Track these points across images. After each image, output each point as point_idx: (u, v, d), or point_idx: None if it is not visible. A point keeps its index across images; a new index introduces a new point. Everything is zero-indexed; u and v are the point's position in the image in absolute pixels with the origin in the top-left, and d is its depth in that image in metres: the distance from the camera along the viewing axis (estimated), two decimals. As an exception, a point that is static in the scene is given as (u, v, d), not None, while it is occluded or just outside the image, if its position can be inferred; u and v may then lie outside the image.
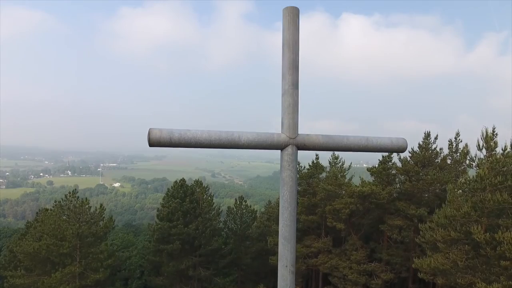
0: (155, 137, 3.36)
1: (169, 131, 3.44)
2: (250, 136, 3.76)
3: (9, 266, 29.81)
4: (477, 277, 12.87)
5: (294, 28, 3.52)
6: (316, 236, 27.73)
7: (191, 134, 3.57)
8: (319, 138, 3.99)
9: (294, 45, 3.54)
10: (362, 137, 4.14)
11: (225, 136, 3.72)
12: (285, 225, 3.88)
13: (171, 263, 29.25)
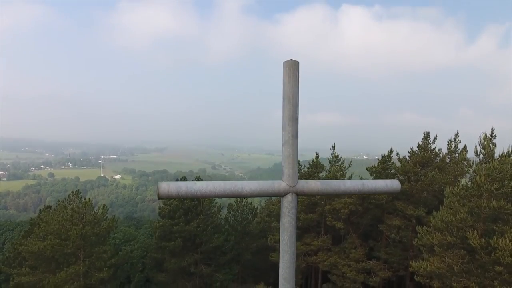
0: (163, 192, 3.61)
1: (176, 185, 3.68)
2: (252, 186, 4.01)
3: (14, 263, 30.37)
4: (471, 281, 13.22)
5: (294, 81, 3.73)
6: (315, 234, 28.14)
7: (196, 187, 3.82)
8: (318, 184, 4.24)
9: (293, 98, 3.76)
10: (358, 181, 4.38)
11: (229, 187, 3.97)
12: (285, 267, 4.16)
13: (173, 260, 29.76)
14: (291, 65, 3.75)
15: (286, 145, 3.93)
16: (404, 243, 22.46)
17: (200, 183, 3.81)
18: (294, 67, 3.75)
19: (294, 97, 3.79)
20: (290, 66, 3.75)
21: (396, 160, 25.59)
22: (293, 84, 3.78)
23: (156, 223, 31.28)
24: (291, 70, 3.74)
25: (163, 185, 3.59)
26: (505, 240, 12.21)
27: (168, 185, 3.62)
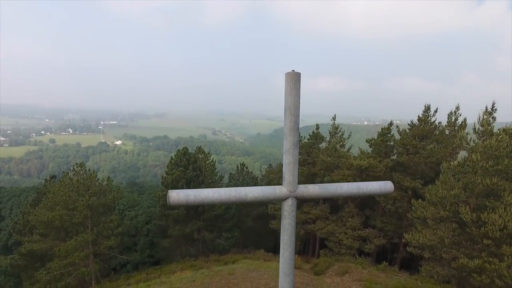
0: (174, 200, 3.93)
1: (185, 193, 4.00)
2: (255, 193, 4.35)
3: (24, 229, 31.69)
4: (460, 253, 13.98)
5: (295, 93, 3.93)
6: (314, 203, 29.06)
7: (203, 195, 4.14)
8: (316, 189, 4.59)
9: (295, 109, 3.99)
10: (354, 184, 4.73)
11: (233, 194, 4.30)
12: (285, 263, 4.59)
13: (176, 227, 30.96)
14: (293, 77, 3.91)
15: (287, 154, 4.21)
16: (399, 213, 23.30)
17: (206, 191, 4.12)
18: (295, 78, 3.92)
19: (295, 108, 3.99)
20: (291, 78, 3.91)
21: (395, 133, 25.81)
22: (294, 96, 3.96)
23: (160, 192, 32.11)
24: (292, 82, 3.91)
25: (173, 194, 3.90)
26: (495, 216, 12.76)
27: (178, 193, 3.94)
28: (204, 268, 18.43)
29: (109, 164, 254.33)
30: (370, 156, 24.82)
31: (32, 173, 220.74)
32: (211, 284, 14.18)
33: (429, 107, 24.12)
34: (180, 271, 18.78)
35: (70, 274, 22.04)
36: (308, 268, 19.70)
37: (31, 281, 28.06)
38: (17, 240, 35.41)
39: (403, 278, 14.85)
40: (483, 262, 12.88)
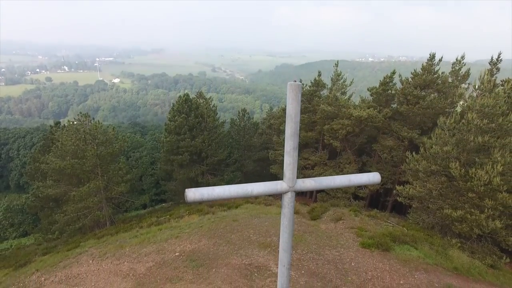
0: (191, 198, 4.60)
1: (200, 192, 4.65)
2: (259, 188, 5.02)
3: (36, 173, 33.29)
4: (446, 203, 15.16)
5: (297, 102, 4.38)
6: (313, 149, 30.09)
7: (216, 192, 4.81)
8: (312, 182, 5.25)
9: (295, 117, 4.47)
10: (345, 177, 5.37)
11: (241, 190, 4.97)
12: (284, 242, 5.41)
13: (181, 171, 32.51)
14: (295, 88, 4.29)
15: (288, 155, 4.76)
16: (394, 161, 24.35)
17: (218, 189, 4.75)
18: (297, 89, 4.31)
19: (296, 115, 4.44)
20: (293, 88, 4.30)
21: (398, 81, 25.68)
22: (296, 105, 4.39)
23: (163, 138, 32.99)
24: (294, 92, 4.30)
25: (190, 194, 4.53)
26: (482, 172, 13.60)
27: (194, 193, 4.56)
28: (209, 213, 19.97)
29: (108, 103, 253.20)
30: (370, 105, 25.05)
31: (33, 113, 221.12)
32: (217, 230, 15.67)
33: (434, 55, 23.67)
34: (188, 215, 20.39)
35: (86, 216, 23.92)
36: (305, 212, 21.32)
37: (49, 220, 30.48)
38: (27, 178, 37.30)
39: (391, 225, 16.31)
40: (465, 213, 14.10)
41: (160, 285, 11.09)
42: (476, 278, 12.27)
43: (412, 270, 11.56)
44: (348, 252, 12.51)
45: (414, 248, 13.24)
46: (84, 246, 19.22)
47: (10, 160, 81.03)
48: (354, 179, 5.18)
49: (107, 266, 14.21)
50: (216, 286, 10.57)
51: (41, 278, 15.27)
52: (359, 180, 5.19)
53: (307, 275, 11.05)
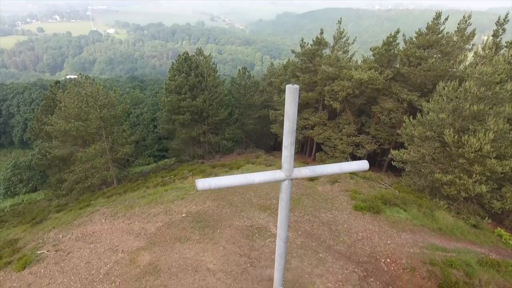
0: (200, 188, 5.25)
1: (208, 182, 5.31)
2: (261, 177, 5.70)
3: (40, 133, 33.93)
4: (437, 168, 15.93)
5: (294, 104, 4.94)
6: (314, 109, 30.34)
7: (222, 182, 5.48)
8: (307, 171, 5.92)
9: (292, 117, 5.05)
10: (336, 165, 6.02)
11: (244, 179, 5.65)
12: (281, 220, 6.17)
13: (183, 131, 33.10)
14: (293, 90, 4.81)
15: (285, 149, 5.40)
16: (392, 123, 24.77)
17: (224, 179, 5.42)
18: (295, 91, 4.82)
19: (293, 115, 5.00)
20: (292, 91, 4.82)
21: (401, 41, 25.17)
22: (294, 106, 4.93)
23: (164, 97, 33.08)
24: (292, 95, 4.84)
25: (200, 184, 5.20)
26: (474, 139, 14.14)
27: (203, 183, 5.23)
28: (212, 174, 20.94)
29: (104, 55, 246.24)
30: (371, 66, 24.83)
31: (28, 66, 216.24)
32: (220, 192, 16.66)
33: (440, 14, 22.97)
34: (192, 176, 21.38)
35: (94, 176, 25.00)
36: (304, 172, 22.30)
37: (57, 178, 31.78)
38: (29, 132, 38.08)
39: (384, 187, 17.27)
40: (454, 177, 14.91)
41: (170, 244, 12.23)
42: (458, 237, 13.42)
43: (399, 231, 12.64)
44: (341, 215, 13.53)
45: (403, 210, 14.26)
46: (95, 205, 20.47)
47: (11, 117, 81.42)
48: (344, 167, 5.87)
49: (120, 225, 15.39)
50: (220, 246, 11.69)
51: (59, 235, 16.59)
52: (348, 168, 5.89)
53: (303, 236, 12.14)
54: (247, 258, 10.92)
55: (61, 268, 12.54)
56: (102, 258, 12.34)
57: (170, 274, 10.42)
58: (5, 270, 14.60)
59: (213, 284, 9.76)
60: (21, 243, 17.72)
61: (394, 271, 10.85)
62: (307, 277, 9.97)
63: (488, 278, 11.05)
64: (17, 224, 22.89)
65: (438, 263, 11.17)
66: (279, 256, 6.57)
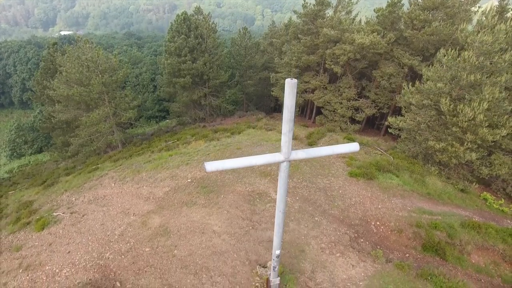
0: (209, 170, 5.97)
1: (215, 165, 6.01)
2: (262, 160, 6.39)
3: (42, 97, 34.08)
4: (432, 135, 16.51)
5: (293, 96, 5.56)
6: (315, 72, 30.23)
7: (227, 165, 6.18)
8: (303, 154, 6.63)
9: (291, 108, 5.67)
10: (329, 148, 6.70)
11: (246, 162, 6.35)
12: (280, 195, 6.92)
13: (184, 94, 33.23)
14: (292, 85, 5.40)
15: (284, 136, 6.06)
16: (392, 88, 24.89)
17: (228, 162, 6.11)
18: (293, 86, 5.42)
19: (292, 106, 5.61)
20: (290, 85, 5.40)
21: (406, 2, 24.47)
22: (292, 98, 5.54)
23: (164, 60, 32.75)
24: (290, 88, 5.44)
25: (208, 167, 5.88)
26: (468, 109, 14.58)
27: (211, 166, 5.92)
28: (214, 140, 21.59)
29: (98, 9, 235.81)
30: (374, 29, 24.40)
31: (19, 21, 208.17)
32: (223, 158, 17.41)
33: (448, -27, 22.12)
34: (195, 141, 22.05)
35: (99, 139, 25.72)
36: (303, 137, 22.96)
37: (62, 140, 32.57)
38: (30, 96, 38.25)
39: (380, 153, 17.99)
40: (447, 145, 15.57)
41: (177, 208, 13.23)
42: (445, 201, 14.41)
43: (390, 196, 13.58)
44: (337, 181, 14.40)
45: (396, 176, 15.11)
46: (103, 169, 21.41)
47: (8, 76, 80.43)
48: (336, 149, 6.60)
49: (129, 189, 16.37)
50: (224, 210, 12.67)
51: (71, 198, 17.69)
52: (340, 150, 6.63)
53: (300, 201, 13.09)
54: (249, 221, 11.94)
55: (78, 229, 13.67)
56: (116, 220, 13.41)
57: (179, 235, 11.48)
58: (25, 230, 15.85)
59: (218, 245, 10.83)
60: (36, 205, 18.91)
61: (383, 233, 11.92)
62: (303, 238, 11.02)
63: (468, 239, 12.16)
64: (29, 186, 24.05)
65: (423, 225, 12.21)
66: (277, 225, 7.43)
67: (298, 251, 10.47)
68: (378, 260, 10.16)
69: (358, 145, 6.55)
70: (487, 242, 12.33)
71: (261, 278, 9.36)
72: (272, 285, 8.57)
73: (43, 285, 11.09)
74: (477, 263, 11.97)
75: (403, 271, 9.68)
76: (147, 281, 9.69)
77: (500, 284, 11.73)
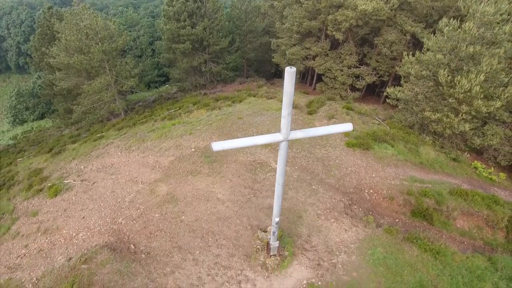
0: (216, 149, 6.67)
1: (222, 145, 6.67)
2: (263, 139, 7.04)
3: (40, 63, 33.82)
4: (428, 106, 16.88)
5: (292, 83, 6.10)
6: (316, 38, 29.78)
7: (233, 144, 6.86)
8: (301, 134, 7.23)
9: (290, 93, 6.21)
10: (325, 128, 7.29)
11: (251, 141, 7.01)
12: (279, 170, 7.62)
13: (184, 60, 32.93)
14: (291, 73, 5.90)
15: (284, 119, 6.64)
16: (394, 55, 24.73)
17: (234, 142, 6.71)
18: (292, 74, 5.92)
19: (291, 92, 6.15)
20: (289, 73, 5.90)
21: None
22: (291, 85, 6.07)
23: (163, 25, 32.09)
24: (290, 76, 5.95)
25: (215, 146, 6.48)
26: (465, 80, 14.84)
27: (217, 145, 6.54)
28: (216, 108, 21.96)
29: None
30: (378, -7, 23.74)
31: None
32: (225, 128, 17.97)
33: None
34: (197, 110, 22.43)
35: (101, 107, 26.08)
36: (303, 105, 23.32)
37: (64, 107, 32.89)
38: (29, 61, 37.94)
39: (377, 122, 18.46)
40: (442, 115, 16.03)
41: (183, 177, 14.01)
42: (437, 170, 15.16)
43: (384, 165, 14.29)
44: (334, 151, 15.06)
45: (391, 146, 15.73)
46: (107, 137, 22.03)
47: (2, 40, 78.60)
48: (331, 128, 7.18)
49: (135, 158, 17.10)
50: (227, 179, 13.45)
51: (80, 166, 18.49)
52: (335, 129, 7.22)
53: (299, 170, 13.83)
54: (250, 190, 12.75)
55: (90, 196, 14.56)
56: (125, 188, 14.25)
57: (186, 202, 12.35)
58: (38, 197, 16.81)
59: (222, 211, 11.71)
60: (46, 172, 19.77)
61: (375, 200, 12.78)
62: (301, 205, 11.88)
63: (455, 205, 13.04)
64: (37, 154, 24.81)
65: (413, 193, 13.05)
66: (277, 196, 8.16)
67: (296, 217, 11.35)
68: (369, 225, 11.07)
69: (351, 125, 7.09)
70: (472, 208, 13.22)
71: (262, 241, 10.29)
72: (271, 247, 9.51)
73: (62, 247, 12.13)
74: (461, 227, 12.96)
75: (391, 235, 10.61)
76: (158, 244, 10.66)
77: (481, 246, 12.80)
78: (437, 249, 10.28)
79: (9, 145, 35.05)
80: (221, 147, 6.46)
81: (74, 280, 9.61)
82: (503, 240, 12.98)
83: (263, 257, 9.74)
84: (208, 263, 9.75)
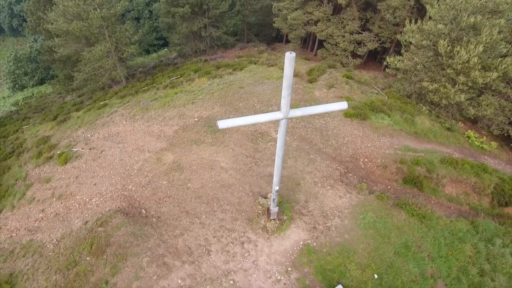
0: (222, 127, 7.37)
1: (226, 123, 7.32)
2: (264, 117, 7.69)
3: (37, 28, 33.16)
4: (427, 76, 17.12)
5: (291, 67, 6.66)
6: (318, 2, 29.05)
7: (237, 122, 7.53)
8: (299, 112, 7.86)
9: (289, 76, 6.79)
10: (322, 106, 7.85)
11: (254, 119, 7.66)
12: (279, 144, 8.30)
13: (184, 24, 32.32)
14: (290, 58, 6.42)
15: (284, 99, 7.22)
16: (397, 21, 24.35)
17: (238, 120, 7.29)
18: (291, 59, 6.43)
19: (290, 75, 6.71)
20: (289, 59, 6.42)
21: None
22: (290, 69, 6.61)
23: (160, -13, 31.11)
24: (289, 61, 6.47)
25: (220, 124, 7.07)
26: (464, 51, 14.99)
27: (222, 123, 7.14)
28: (217, 77, 22.10)
29: None
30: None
31: None
32: (226, 97, 18.33)
33: None
34: (198, 78, 22.57)
35: (103, 75, 26.15)
36: (304, 73, 23.44)
37: (64, 73, 32.81)
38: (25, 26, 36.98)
39: (376, 92, 18.77)
40: (439, 86, 16.35)
41: (188, 146, 14.68)
42: (430, 139, 15.79)
43: (380, 135, 14.90)
44: (333, 121, 15.58)
45: (388, 116, 16.22)
46: (111, 105, 22.43)
47: (-6, 0, 75.59)
48: (328, 107, 7.74)
49: (140, 127, 17.67)
50: (230, 148, 14.12)
51: (87, 134, 19.11)
52: (331, 108, 7.78)
53: (298, 140, 14.46)
54: (252, 159, 13.48)
55: (99, 164, 15.33)
56: (132, 156, 14.98)
57: (191, 170, 13.12)
58: (49, 164, 17.61)
59: (226, 179, 12.51)
60: (53, 140, 20.43)
61: (369, 168, 13.55)
62: (299, 173, 12.66)
63: (444, 173, 13.84)
64: (42, 121, 25.31)
65: (406, 162, 13.79)
66: (277, 167, 8.86)
67: (294, 184, 12.18)
68: (362, 192, 11.91)
69: (346, 103, 7.60)
70: (461, 176, 14.03)
71: (263, 207, 11.18)
72: (271, 212, 10.40)
73: (77, 212, 13.10)
74: (449, 194, 13.86)
75: (382, 201, 11.48)
76: (167, 209, 11.57)
77: (467, 211, 13.77)
78: (423, 214, 11.19)
79: (11, 112, 35.41)
80: (226, 125, 7.03)
81: (93, 241, 10.61)
82: (488, 206, 13.93)
83: (264, 221, 10.66)
84: (214, 226, 10.70)
